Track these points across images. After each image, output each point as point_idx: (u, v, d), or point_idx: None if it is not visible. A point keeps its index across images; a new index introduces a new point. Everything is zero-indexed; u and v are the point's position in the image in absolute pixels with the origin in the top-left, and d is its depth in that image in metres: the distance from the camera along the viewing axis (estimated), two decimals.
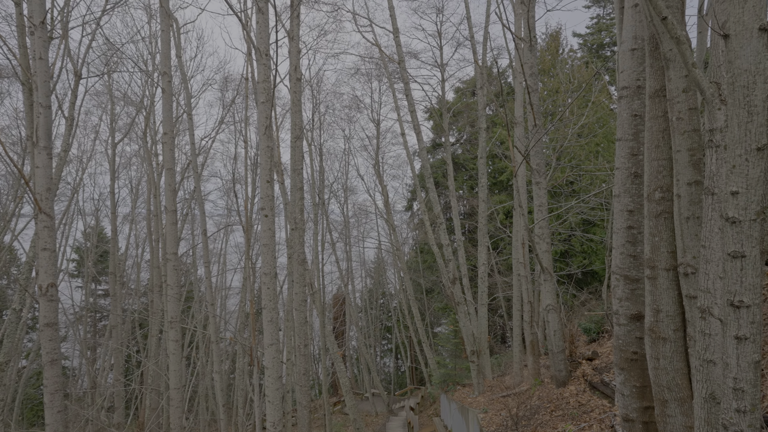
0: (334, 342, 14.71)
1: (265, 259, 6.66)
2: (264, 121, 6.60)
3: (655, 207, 3.32)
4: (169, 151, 8.06)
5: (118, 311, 17.14)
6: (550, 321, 8.33)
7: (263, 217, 6.70)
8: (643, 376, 4.05)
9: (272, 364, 6.75)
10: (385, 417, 25.41)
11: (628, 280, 4.10)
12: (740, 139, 1.74)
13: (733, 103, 1.74)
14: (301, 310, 9.12)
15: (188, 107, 11.22)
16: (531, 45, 8.08)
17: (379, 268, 38.78)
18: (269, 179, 6.68)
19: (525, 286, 9.55)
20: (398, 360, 40.17)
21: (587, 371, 8.47)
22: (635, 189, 4.08)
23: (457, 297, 11.64)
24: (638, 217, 4.08)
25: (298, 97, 8.81)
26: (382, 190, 24.10)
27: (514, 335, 10.92)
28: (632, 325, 4.07)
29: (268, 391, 6.76)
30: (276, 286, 6.71)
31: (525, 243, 9.53)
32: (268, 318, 6.70)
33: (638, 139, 4.08)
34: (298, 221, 9.22)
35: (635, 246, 4.09)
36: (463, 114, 30.21)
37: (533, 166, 8.20)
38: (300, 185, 9.20)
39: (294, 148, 9.09)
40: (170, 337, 8.24)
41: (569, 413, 7.23)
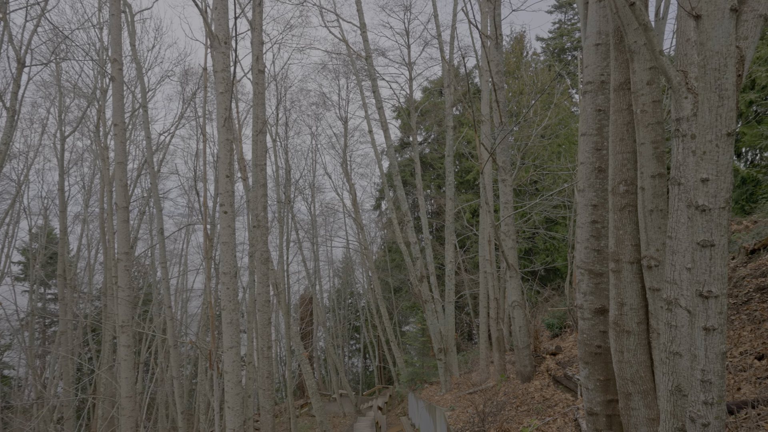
0: (300, 343, 14.39)
1: (225, 258, 6.34)
2: (223, 112, 6.27)
3: (620, 200, 3.32)
4: (120, 144, 7.56)
5: (68, 316, 16.11)
6: (515, 317, 8.40)
7: (223, 213, 6.39)
8: (606, 369, 4.07)
9: (232, 368, 6.46)
10: (353, 418, 25.18)
11: (592, 275, 4.11)
12: (711, 124, 1.70)
13: (705, 87, 1.69)
14: (264, 311, 8.79)
15: (143, 99, 10.62)
16: (497, 43, 8.11)
17: (348, 268, 38.50)
18: (229, 174, 6.36)
19: (491, 282, 9.62)
20: (366, 360, 40.02)
21: (551, 366, 8.61)
22: (599, 183, 4.09)
23: (424, 295, 11.60)
24: (602, 212, 4.10)
25: (260, 89, 8.48)
26: (349, 189, 23.87)
27: (481, 332, 11.00)
28: (596, 319, 4.08)
29: (227, 396, 6.45)
30: (236, 285, 6.41)
31: (491, 240, 9.58)
32: (228, 319, 6.40)
33: (602, 134, 4.10)
34: (260, 219, 8.89)
35: (599, 240, 4.10)
36: (431, 114, 30.41)
37: (499, 163, 8.24)
38: (263, 181, 8.87)
39: (256, 142, 8.75)
40: (122, 342, 7.73)
41: (534, 408, 7.30)
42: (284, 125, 22.15)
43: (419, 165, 15.66)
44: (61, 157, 16.45)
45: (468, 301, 24.43)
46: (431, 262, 13.66)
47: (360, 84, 17.00)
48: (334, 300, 37.86)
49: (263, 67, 8.86)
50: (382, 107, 11.62)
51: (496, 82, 8.10)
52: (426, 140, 33.13)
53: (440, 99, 31.60)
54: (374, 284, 24.43)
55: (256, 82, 8.54)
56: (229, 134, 6.34)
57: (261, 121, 8.94)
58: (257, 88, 8.56)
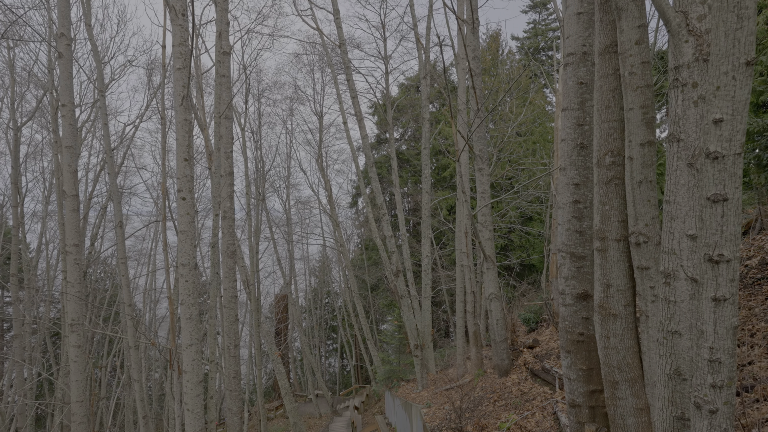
0: (273, 342, 13.87)
1: (183, 248, 5.86)
2: (181, 90, 5.78)
3: (605, 173, 3.07)
4: (68, 126, 6.94)
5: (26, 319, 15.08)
6: (492, 310, 8.18)
7: (181, 200, 5.90)
8: (589, 358, 3.84)
9: (192, 368, 5.98)
10: (329, 418, 24.70)
11: (574, 258, 3.87)
12: (727, 51, 1.44)
13: (720, 6, 1.43)
14: (231, 307, 8.29)
15: (100, 83, 9.92)
16: (473, 27, 7.87)
17: (324, 267, 37.92)
18: (188, 157, 5.88)
19: (468, 276, 9.39)
20: (344, 359, 39.54)
21: (528, 359, 8.43)
22: (582, 161, 3.86)
23: (400, 290, 11.30)
24: (584, 191, 3.87)
25: (225, 68, 7.98)
26: (325, 185, 23.37)
27: (458, 327, 10.77)
28: (579, 304, 3.85)
29: (187, 397, 5.97)
30: (196, 278, 5.93)
31: (468, 232, 9.35)
32: (187, 315, 5.92)
33: (584, 108, 3.86)
34: (227, 210, 8.38)
35: (581, 221, 3.87)
36: (407, 110, 30.20)
37: (476, 152, 8.01)
38: (229, 170, 8.37)
39: (221, 126, 8.25)
40: (72, 341, 7.12)
41: (512, 402, 7.09)
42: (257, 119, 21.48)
43: (396, 161, 15.37)
44: (15, 148, 15.40)
45: (445, 298, 24.33)
46: (408, 258, 13.38)
47: (335, 77, 16.56)
48: (310, 300, 37.21)
49: (228, 49, 8.36)
50: (357, 96, 11.26)
51: (473, 67, 7.86)
52: (402, 137, 32.91)
53: (417, 95, 31.45)
54: (350, 282, 24.02)
55: (219, 61, 8.03)
56: (187, 114, 5.86)
57: (225, 104, 8.44)
58: (221, 67, 8.06)
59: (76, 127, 7.12)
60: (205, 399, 8.83)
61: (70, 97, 7.03)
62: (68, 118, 7.00)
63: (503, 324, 8.23)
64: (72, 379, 7.14)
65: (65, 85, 6.98)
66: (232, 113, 8.51)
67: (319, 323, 36.94)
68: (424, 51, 12.55)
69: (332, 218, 23.27)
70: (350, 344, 34.01)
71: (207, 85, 13.64)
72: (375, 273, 29.59)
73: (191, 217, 5.95)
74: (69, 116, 7.01)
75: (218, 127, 7.60)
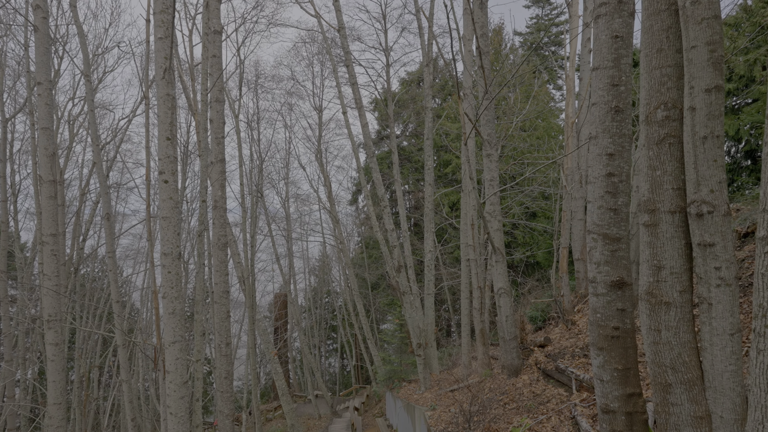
0: (270, 341, 13.34)
1: (166, 236, 5.34)
2: (162, 62, 5.26)
3: (657, 130, 2.53)
4: (44, 106, 6.42)
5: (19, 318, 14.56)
6: (502, 306, 7.64)
7: (162, 183, 5.38)
8: (626, 356, 3.31)
9: (176, 367, 5.46)
10: (328, 420, 24.17)
11: (607, 240, 3.34)
12: None
13: None
14: (222, 303, 7.76)
15: (86, 68, 9.38)
16: (482, 2, 7.33)
17: (324, 266, 37.40)
18: (169, 136, 5.36)
19: (475, 270, 8.85)
20: (344, 359, 39.03)
21: (540, 359, 7.90)
22: (616, 127, 3.33)
23: (402, 286, 10.77)
24: (620, 162, 3.34)
25: (216, 48, 7.46)
26: (324, 181, 22.85)
27: (462, 324, 10.24)
28: (613, 294, 3.31)
29: (170, 400, 5.45)
30: (180, 269, 5.41)
31: (474, 224, 8.82)
32: (170, 309, 5.40)
33: (620, 66, 3.33)
34: (218, 199, 7.85)
35: (616, 197, 3.34)
36: (409, 105, 29.68)
37: (484, 136, 7.47)
38: (220, 157, 7.85)
39: (213, 110, 7.73)
40: (48, 339, 6.59)
41: (524, 405, 6.55)
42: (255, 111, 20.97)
43: (396, 155, 14.84)
44: (2, 141, 14.88)
45: (447, 296, 23.79)
46: (410, 255, 12.85)
47: (335, 67, 16.04)
48: (310, 299, 36.71)
49: (219, 28, 7.84)
50: (357, 83, 10.73)
51: (481, 45, 7.32)
52: (404, 133, 32.37)
53: (418, 90, 30.90)
54: (350, 280, 23.50)
55: (205, 34, 7.51)
56: (170, 89, 5.33)
57: (218, 88, 7.92)
58: (209, 46, 7.53)
59: (53, 107, 6.61)
60: (190, 402, 8.36)
61: (46, 75, 6.50)
62: (44, 98, 6.47)
63: (513, 321, 7.69)
64: (49, 380, 6.61)
65: (41, 62, 6.46)
66: (224, 96, 7.98)
67: (319, 323, 36.43)
68: (428, 37, 12.02)
69: (332, 215, 22.75)
70: (350, 344, 33.51)
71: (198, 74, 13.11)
72: (375, 271, 29.07)
73: (174, 201, 5.43)
74: (45, 95, 6.48)
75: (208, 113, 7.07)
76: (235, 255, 13.26)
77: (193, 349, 9.41)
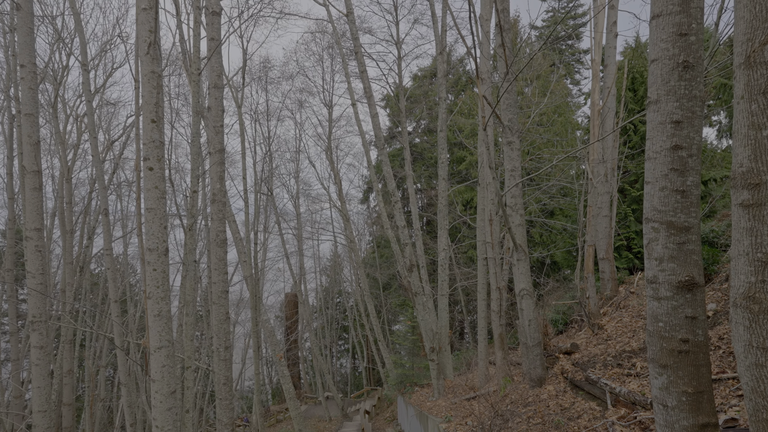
0: (277, 342, 12.81)
1: (151, 230, 4.80)
2: (146, 36, 4.72)
3: (764, 75, 1.85)
4: (28, 90, 5.94)
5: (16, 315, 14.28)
6: (524, 308, 6.95)
7: (147, 170, 4.84)
8: (697, 376, 2.63)
9: (162, 375, 4.91)
10: (339, 422, 23.62)
11: (673, 230, 2.66)
12: None
13: None
14: (221, 303, 7.22)
15: (84, 57, 8.96)
16: None
17: (336, 266, 36.89)
18: (155, 118, 4.82)
19: (493, 269, 8.15)
20: (355, 360, 38.50)
21: (567, 367, 7.18)
22: (685, 88, 2.65)
23: (414, 286, 10.12)
24: (689, 131, 2.66)
25: (215, 30, 6.92)
26: (335, 178, 22.31)
27: (479, 328, 9.55)
28: (680, 297, 2.63)
29: (156, 411, 4.89)
30: (167, 266, 4.86)
31: (492, 219, 8.13)
32: (156, 311, 4.85)
33: (689, 10, 2.65)
34: (216, 192, 7.32)
35: (685, 176, 2.66)
36: (421, 101, 28.99)
37: (505, 121, 6.79)
38: (219, 147, 7.31)
39: (211, 97, 7.20)
40: (33, 342, 6.12)
41: (551, 420, 5.86)
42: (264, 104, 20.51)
43: (408, 150, 14.16)
44: (9, 137, 14.65)
45: (461, 297, 23.05)
46: (422, 255, 12.20)
47: (345, 63, 15.41)
48: (321, 299, 36.26)
49: (218, 9, 7.31)
50: (366, 71, 10.12)
51: (502, 21, 6.65)
52: (416, 130, 31.68)
53: (430, 86, 30.19)
54: (361, 279, 22.91)
55: (209, 24, 6.98)
56: (154, 65, 4.78)
57: (216, 74, 7.38)
58: (209, 30, 7.00)
59: (38, 92, 6.14)
60: (181, 414, 7.86)
61: (30, 57, 6.03)
62: (28, 81, 6.00)
63: (536, 325, 6.99)
64: (33, 385, 6.13)
65: (24, 43, 5.99)
66: (222, 82, 7.45)
67: (331, 323, 35.95)
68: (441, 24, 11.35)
69: (342, 213, 22.20)
70: (362, 345, 32.94)
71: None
72: (387, 271, 28.44)
73: (161, 191, 4.88)
74: (29, 79, 6.01)
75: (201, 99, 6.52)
76: (241, 254, 12.77)
77: (199, 353, 8.92)
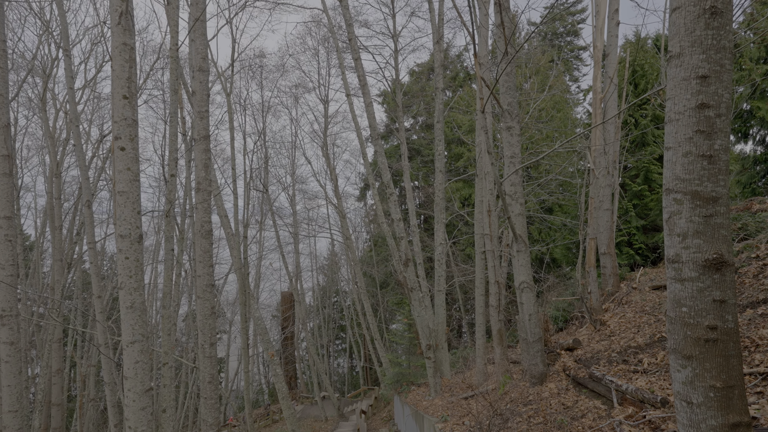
0: (269, 340, 12.46)
1: (123, 215, 4.45)
2: (117, 4, 4.36)
3: None
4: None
5: None
6: (524, 302, 6.61)
7: (119, 150, 4.50)
8: (727, 368, 2.29)
9: (135, 372, 4.56)
10: (334, 422, 23.28)
11: (698, 201, 2.32)
12: None
13: None
14: (206, 297, 6.86)
15: (65, 42, 8.58)
16: None
17: (333, 264, 36.53)
18: (127, 94, 4.46)
19: (491, 262, 7.81)
20: (352, 360, 38.16)
21: (569, 364, 6.85)
22: (712, 37, 2.31)
23: (410, 282, 9.77)
24: (717, 87, 2.31)
25: (199, 8, 6.56)
26: (330, 174, 21.95)
27: (477, 324, 9.21)
28: (707, 278, 2.30)
29: (128, 411, 4.54)
30: (141, 255, 4.50)
31: (491, 210, 7.78)
32: (128, 303, 4.51)
33: None
34: (201, 181, 6.96)
35: (712, 139, 2.32)
36: (419, 96, 28.66)
37: (504, 105, 6.45)
38: (204, 133, 6.95)
39: (195, 81, 6.84)
40: (3, 337, 5.75)
41: (553, 420, 5.52)
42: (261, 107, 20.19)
43: (405, 145, 13.83)
44: None
45: (458, 295, 22.74)
46: (419, 252, 11.87)
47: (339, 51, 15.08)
48: (318, 298, 35.91)
49: None
50: (360, 58, 9.77)
51: (501, 0, 6.31)
52: (413, 127, 31.35)
53: (428, 81, 29.84)
54: (358, 278, 22.56)
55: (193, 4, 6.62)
56: (126, 37, 4.42)
57: (201, 56, 7.02)
58: (194, 10, 6.64)
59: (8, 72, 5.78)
60: (157, 413, 7.53)
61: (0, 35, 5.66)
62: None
63: (537, 320, 6.66)
64: (3, 384, 5.76)
65: None
66: (207, 65, 7.09)
67: (328, 322, 35.61)
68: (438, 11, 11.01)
69: (338, 209, 21.84)
70: (359, 344, 32.61)
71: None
72: (384, 269, 28.12)
73: (134, 173, 4.54)
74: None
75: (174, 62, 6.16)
76: (233, 249, 12.41)
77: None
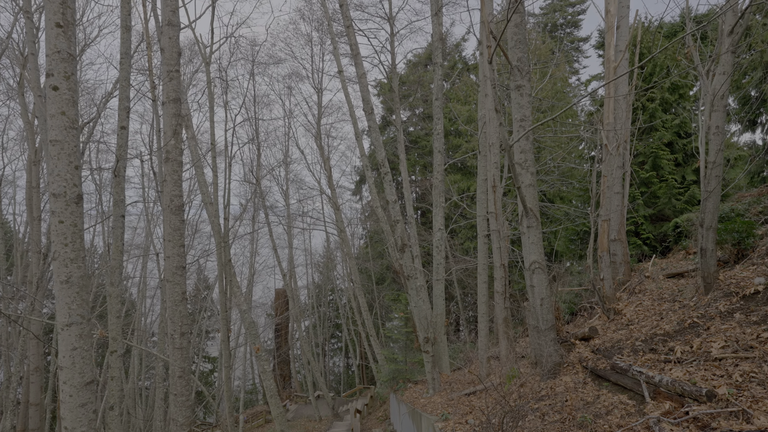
0: (257, 335, 11.65)
1: (56, 169, 3.67)
2: None
3: None
4: None
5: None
6: (535, 285, 5.85)
7: (51, 90, 3.72)
8: None
9: (73, 361, 3.79)
10: (329, 422, 22.49)
11: None
12: None
13: None
14: (176, 281, 6.06)
15: (26, 2, 7.75)
16: None
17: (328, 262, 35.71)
18: (61, 21, 3.67)
19: (497, 244, 7.04)
20: (348, 358, 37.38)
21: (585, 355, 6.09)
22: None
23: (407, 269, 9.00)
24: None
25: None
26: (324, 165, 21.13)
27: (480, 314, 8.44)
28: None
29: (64, 408, 3.75)
30: (79, 218, 3.72)
31: (496, 185, 7.02)
32: (64, 276, 3.74)
33: None
34: (171, 149, 6.15)
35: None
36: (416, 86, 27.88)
37: (513, 61, 5.68)
38: (174, 96, 6.15)
39: (164, 36, 6.04)
40: None
41: (573, 417, 4.76)
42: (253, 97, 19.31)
43: (402, 133, 13.03)
44: None
45: (456, 290, 21.99)
46: (416, 244, 11.11)
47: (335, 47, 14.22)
48: (314, 296, 35.10)
49: None
50: (352, 26, 8.97)
51: None
52: (410, 119, 30.58)
53: (425, 71, 29.06)
54: (353, 272, 21.77)
55: None
56: None
57: (170, 9, 6.22)
58: None
59: None
60: (102, 411, 6.72)
61: None
62: None
63: (549, 305, 5.89)
64: None
65: None
66: (177, 19, 6.29)
67: (323, 321, 34.80)
68: None
69: (332, 201, 21.04)
70: (354, 342, 31.83)
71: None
72: (380, 264, 27.33)
73: (70, 119, 3.74)
74: None
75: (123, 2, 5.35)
76: (214, 224, 11.63)
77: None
